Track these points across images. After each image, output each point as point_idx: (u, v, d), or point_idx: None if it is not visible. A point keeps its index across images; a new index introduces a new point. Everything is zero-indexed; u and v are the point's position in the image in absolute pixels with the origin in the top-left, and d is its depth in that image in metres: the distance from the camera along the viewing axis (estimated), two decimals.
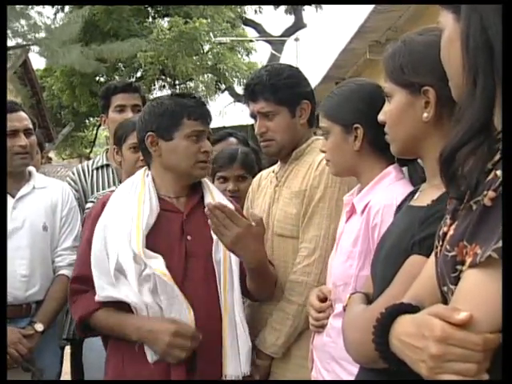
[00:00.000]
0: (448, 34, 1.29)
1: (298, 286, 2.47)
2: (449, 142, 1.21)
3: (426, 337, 1.11)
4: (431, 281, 1.32)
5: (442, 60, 1.34)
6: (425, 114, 1.62)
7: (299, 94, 2.66)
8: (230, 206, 2.50)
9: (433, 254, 1.35)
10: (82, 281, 2.43)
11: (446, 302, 1.24)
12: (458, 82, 1.25)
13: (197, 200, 2.54)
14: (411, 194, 1.79)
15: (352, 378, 2.08)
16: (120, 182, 3.21)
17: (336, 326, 2.13)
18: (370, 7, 7.63)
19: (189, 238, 2.44)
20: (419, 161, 2.05)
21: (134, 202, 2.45)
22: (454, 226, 1.23)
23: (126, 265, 2.31)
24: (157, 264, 2.32)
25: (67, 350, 3.50)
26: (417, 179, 2.08)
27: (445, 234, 1.27)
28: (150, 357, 2.32)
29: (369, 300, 1.70)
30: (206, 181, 2.62)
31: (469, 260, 1.12)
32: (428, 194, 1.62)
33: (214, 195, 2.56)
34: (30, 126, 3.09)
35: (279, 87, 2.61)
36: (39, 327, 2.96)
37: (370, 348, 1.33)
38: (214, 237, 2.38)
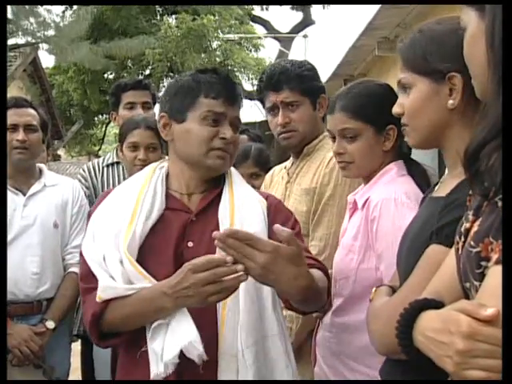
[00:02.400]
0: (471, 31, 1.29)
1: None
2: (473, 139, 1.20)
3: (452, 332, 1.09)
4: (451, 276, 1.32)
5: (465, 58, 1.33)
6: (450, 101, 1.60)
7: (320, 87, 2.69)
8: (258, 208, 2.02)
9: (453, 249, 1.34)
10: (88, 279, 1.98)
11: (467, 298, 1.23)
12: (482, 79, 1.24)
13: (213, 196, 2.05)
14: (435, 186, 1.77)
15: (353, 373, 2.13)
16: None
17: (336, 321, 2.16)
18: (378, 4, 7.60)
19: (190, 244, 1.96)
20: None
21: (132, 198, 2.02)
22: (478, 223, 1.21)
23: (114, 272, 1.89)
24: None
25: (75, 346, 3.51)
26: (419, 177, 2.14)
27: (467, 230, 1.25)
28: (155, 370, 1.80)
29: (395, 292, 1.69)
30: (232, 173, 2.13)
31: (495, 256, 1.11)
32: (448, 185, 1.61)
33: (235, 190, 2.07)
34: (34, 122, 3.10)
35: (304, 77, 2.63)
36: (50, 324, 2.97)
37: (393, 339, 1.32)
38: None
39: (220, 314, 1.86)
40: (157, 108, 4.03)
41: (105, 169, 3.62)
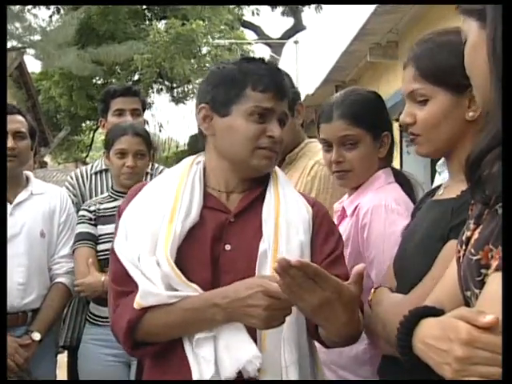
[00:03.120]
0: (472, 40, 1.30)
1: None
2: (475, 147, 1.21)
3: (451, 339, 1.09)
4: (453, 285, 1.33)
5: (466, 67, 1.34)
6: (470, 113, 1.65)
7: (295, 93, 2.67)
8: (305, 215, 1.85)
9: (454, 259, 1.35)
10: (122, 281, 1.81)
11: (468, 306, 1.23)
12: (484, 88, 1.25)
13: (254, 196, 1.88)
14: (431, 193, 1.83)
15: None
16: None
17: None
18: (370, 9, 7.61)
19: (227, 247, 1.80)
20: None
21: (170, 195, 1.85)
22: (478, 230, 1.23)
23: (152, 275, 1.74)
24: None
25: (61, 357, 3.45)
26: (404, 184, 2.21)
27: (468, 238, 1.26)
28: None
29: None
30: (278, 172, 1.96)
31: (495, 263, 1.12)
32: (455, 188, 1.64)
33: (281, 191, 1.89)
34: (23, 129, 3.05)
35: None
36: (36, 336, 2.92)
37: None
38: (261, 247, 1.77)
39: (259, 333, 1.71)
40: (146, 115, 3.99)
41: (93, 176, 3.56)
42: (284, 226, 1.79)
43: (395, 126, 2.45)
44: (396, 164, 2.38)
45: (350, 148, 2.19)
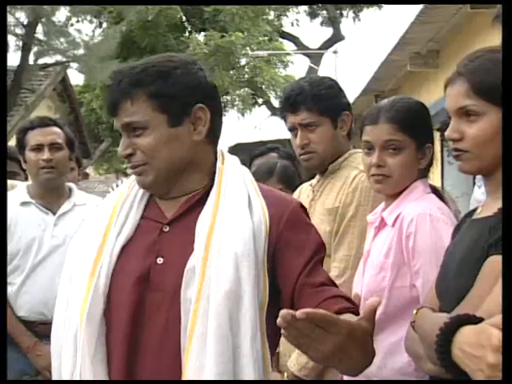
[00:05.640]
0: None
1: None
2: None
3: (484, 346, 1.10)
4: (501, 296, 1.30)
5: None
6: None
7: (340, 104, 2.63)
8: (248, 221, 1.59)
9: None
10: None
11: None
12: None
13: (194, 200, 1.66)
14: (470, 214, 1.79)
15: None
16: None
17: None
18: (410, 18, 7.57)
19: (159, 260, 1.61)
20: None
21: (109, 210, 1.71)
22: None
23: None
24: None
25: None
26: (439, 196, 2.19)
27: None
28: None
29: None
30: (226, 167, 1.70)
31: None
32: (492, 206, 1.61)
33: (223, 193, 1.63)
34: (58, 140, 3.09)
35: (322, 97, 2.56)
36: None
37: None
38: (189, 263, 1.58)
39: (183, 358, 1.53)
40: None
41: None
42: (217, 237, 1.57)
43: (436, 136, 2.43)
44: (437, 174, 2.36)
45: (393, 153, 2.17)
